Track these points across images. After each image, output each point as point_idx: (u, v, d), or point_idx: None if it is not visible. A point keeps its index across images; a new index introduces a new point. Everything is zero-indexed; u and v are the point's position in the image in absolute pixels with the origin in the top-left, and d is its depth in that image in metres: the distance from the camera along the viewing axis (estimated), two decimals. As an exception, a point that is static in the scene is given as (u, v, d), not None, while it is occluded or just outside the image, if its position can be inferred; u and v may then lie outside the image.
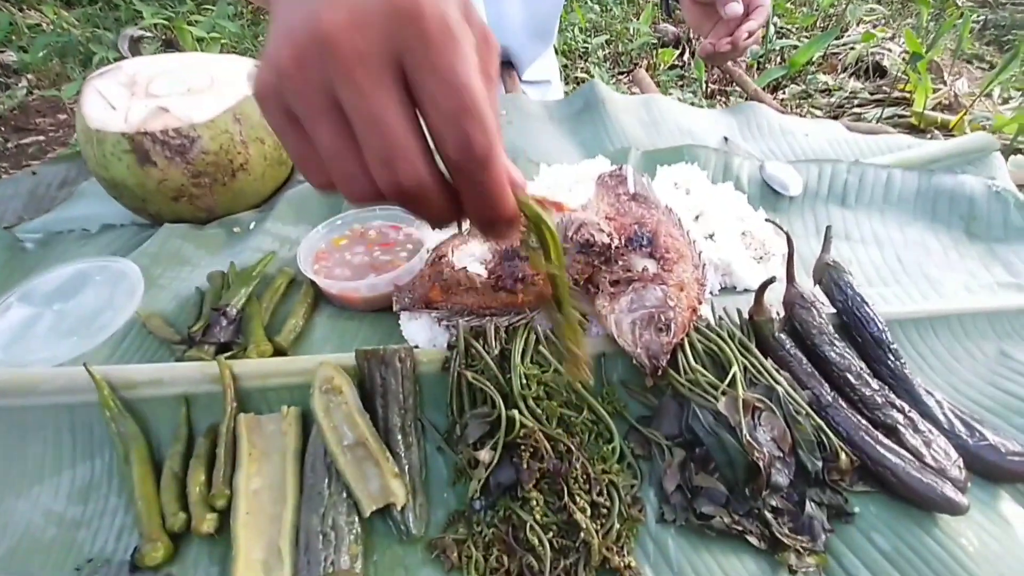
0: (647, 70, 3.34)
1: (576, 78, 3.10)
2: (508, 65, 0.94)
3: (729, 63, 0.83)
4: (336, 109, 0.21)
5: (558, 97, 1.00)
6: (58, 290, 0.51)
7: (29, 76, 3.11)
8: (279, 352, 0.46)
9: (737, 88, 2.13)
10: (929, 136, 2.29)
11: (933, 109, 2.38)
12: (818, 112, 2.65)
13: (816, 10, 3.51)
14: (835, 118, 2.78)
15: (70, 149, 2.56)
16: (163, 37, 3.39)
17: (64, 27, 3.49)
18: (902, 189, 0.62)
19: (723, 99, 2.54)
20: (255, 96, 0.22)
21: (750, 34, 0.70)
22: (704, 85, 2.64)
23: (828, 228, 0.50)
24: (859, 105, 2.58)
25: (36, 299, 0.50)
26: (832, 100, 2.68)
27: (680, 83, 3.07)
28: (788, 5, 3.61)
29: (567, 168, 0.60)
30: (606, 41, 3.48)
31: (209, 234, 0.59)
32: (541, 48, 0.96)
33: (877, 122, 2.39)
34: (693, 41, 2.96)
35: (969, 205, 0.60)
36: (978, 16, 3.29)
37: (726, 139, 0.77)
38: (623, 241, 0.46)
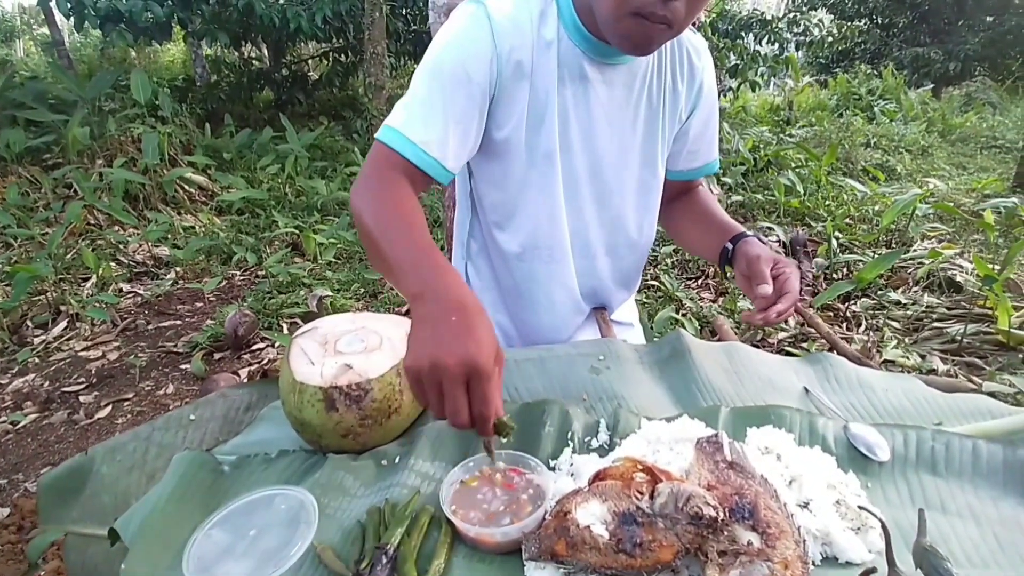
0: (711, 278, 3.57)
1: (647, 284, 3.35)
2: (601, 308, 1.11)
3: (799, 304, 0.95)
4: (441, 392, 0.55)
5: (639, 339, 1.14)
6: (250, 515, 0.62)
7: (177, 269, 3.76)
8: (429, 593, 0.53)
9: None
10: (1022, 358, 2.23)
11: (1020, 328, 2.35)
12: (896, 324, 2.68)
13: (877, 227, 3.73)
14: (915, 331, 2.75)
15: (201, 334, 2.97)
16: (291, 241, 4.07)
17: (214, 231, 4.27)
18: (989, 460, 0.66)
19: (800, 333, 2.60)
20: (407, 374, 0.56)
21: (779, 315, 0.81)
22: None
23: (921, 511, 0.54)
24: (938, 320, 2.60)
25: (232, 523, 0.61)
26: (908, 313, 2.72)
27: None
28: (847, 222, 3.87)
29: (665, 427, 0.70)
30: (674, 250, 3.81)
31: (362, 465, 0.71)
32: (626, 295, 1.14)
33: (962, 339, 2.37)
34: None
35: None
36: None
37: (806, 390, 0.85)
38: (727, 512, 0.53)
